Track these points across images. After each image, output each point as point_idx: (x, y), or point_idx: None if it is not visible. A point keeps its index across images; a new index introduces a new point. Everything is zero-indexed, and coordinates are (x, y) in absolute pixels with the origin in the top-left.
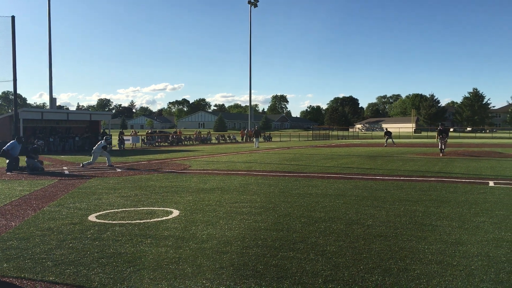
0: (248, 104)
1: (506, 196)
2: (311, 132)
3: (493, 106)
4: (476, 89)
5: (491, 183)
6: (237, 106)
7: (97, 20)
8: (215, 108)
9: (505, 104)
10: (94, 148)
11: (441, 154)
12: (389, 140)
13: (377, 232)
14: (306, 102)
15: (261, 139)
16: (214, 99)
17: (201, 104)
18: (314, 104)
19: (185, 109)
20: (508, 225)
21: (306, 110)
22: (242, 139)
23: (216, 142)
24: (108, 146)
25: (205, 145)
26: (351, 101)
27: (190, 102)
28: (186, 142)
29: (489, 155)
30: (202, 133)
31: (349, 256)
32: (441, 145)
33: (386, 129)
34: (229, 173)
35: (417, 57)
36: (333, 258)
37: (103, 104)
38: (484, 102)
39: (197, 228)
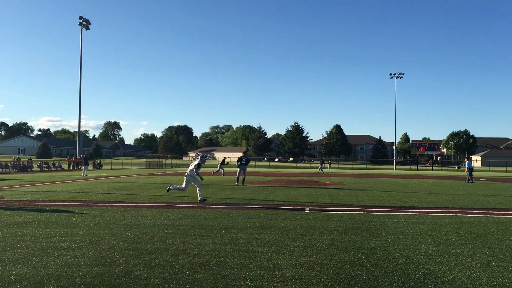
0: (77, 130)
1: (318, 221)
2: (145, 160)
3: (311, 139)
4: (297, 123)
5: (307, 210)
6: (65, 131)
7: None
8: (39, 132)
9: (321, 137)
10: (188, 171)
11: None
12: (220, 170)
13: (203, 261)
14: (140, 129)
15: (90, 167)
16: (39, 123)
17: (22, 128)
18: (149, 132)
19: (3, 133)
20: (319, 249)
21: (140, 137)
22: (69, 167)
23: (39, 170)
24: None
25: (25, 173)
26: (185, 130)
27: (9, 126)
28: (1, 170)
29: (306, 183)
30: (22, 160)
31: None
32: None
33: (224, 158)
34: (50, 204)
35: (247, 90)
36: None
37: None
38: (303, 135)
39: (3, 268)
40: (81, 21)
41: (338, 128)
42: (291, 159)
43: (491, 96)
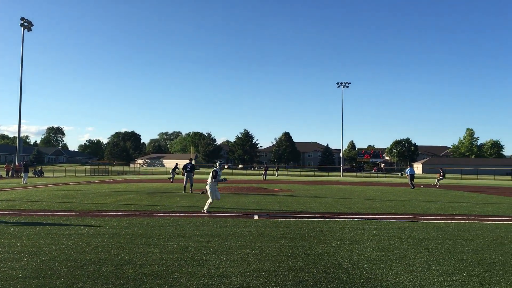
0: (17, 135)
1: (267, 228)
2: (90, 167)
3: (261, 146)
4: (247, 130)
5: (256, 217)
6: (3, 136)
7: None
8: None
9: (270, 144)
10: (208, 182)
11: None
12: (172, 177)
13: (149, 271)
14: (85, 135)
15: (30, 174)
16: None
17: None
18: (94, 138)
19: None
20: (267, 256)
21: (85, 144)
22: (7, 174)
23: None
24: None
25: None
26: (133, 136)
27: None
28: None
29: (255, 190)
30: None
31: None
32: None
33: (176, 165)
34: None
35: (196, 96)
36: None
37: None
38: (253, 142)
39: None
40: (23, 22)
41: (287, 136)
42: (240, 166)
43: (431, 106)
